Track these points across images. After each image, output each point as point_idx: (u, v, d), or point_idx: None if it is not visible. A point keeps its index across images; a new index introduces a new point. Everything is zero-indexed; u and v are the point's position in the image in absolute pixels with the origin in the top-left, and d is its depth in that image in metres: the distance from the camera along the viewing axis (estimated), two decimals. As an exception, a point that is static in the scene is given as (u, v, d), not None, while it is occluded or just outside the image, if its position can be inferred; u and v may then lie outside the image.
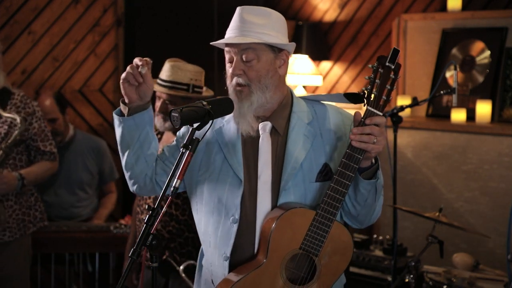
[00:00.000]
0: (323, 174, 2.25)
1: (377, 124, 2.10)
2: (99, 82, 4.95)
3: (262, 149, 2.25)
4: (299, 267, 2.18)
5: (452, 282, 3.42)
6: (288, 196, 2.22)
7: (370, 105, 2.12)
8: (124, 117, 2.25)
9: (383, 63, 2.12)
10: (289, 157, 2.23)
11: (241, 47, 2.21)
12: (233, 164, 2.24)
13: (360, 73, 5.64)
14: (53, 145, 3.66)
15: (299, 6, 5.81)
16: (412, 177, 4.66)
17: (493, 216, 4.33)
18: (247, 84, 2.21)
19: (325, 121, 2.30)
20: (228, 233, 2.24)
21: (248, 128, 2.24)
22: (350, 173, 2.12)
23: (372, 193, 2.21)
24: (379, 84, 2.11)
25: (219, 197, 2.25)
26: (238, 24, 2.23)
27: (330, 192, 2.14)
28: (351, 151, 2.12)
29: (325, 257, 2.18)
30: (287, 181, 2.21)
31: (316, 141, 2.26)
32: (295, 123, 2.27)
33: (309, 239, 2.14)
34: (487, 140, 4.37)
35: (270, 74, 2.23)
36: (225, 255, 2.24)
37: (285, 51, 2.28)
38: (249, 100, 2.22)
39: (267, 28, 2.23)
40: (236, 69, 2.22)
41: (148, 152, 2.30)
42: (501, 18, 4.64)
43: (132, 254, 1.94)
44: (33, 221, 3.66)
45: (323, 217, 2.14)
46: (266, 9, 2.27)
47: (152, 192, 2.37)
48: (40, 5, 4.72)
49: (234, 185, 2.24)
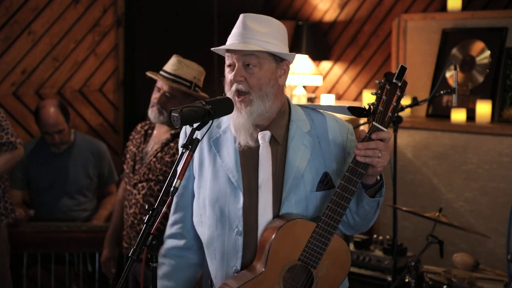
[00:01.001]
0: (323, 183, 2.25)
1: (382, 139, 2.11)
2: (99, 82, 4.95)
3: (262, 158, 2.24)
4: (296, 278, 2.17)
5: (452, 282, 3.42)
6: (290, 206, 2.21)
7: (376, 120, 2.12)
8: None
9: (390, 80, 2.12)
10: (290, 167, 2.22)
11: (244, 53, 2.19)
12: (231, 176, 2.23)
13: (360, 73, 5.64)
14: (9, 134, 3.60)
15: (299, 6, 5.80)
16: (412, 177, 4.66)
17: (493, 216, 4.33)
18: (247, 91, 2.20)
19: (323, 130, 2.30)
20: (234, 246, 2.23)
21: (247, 138, 2.22)
22: (352, 187, 2.12)
23: (374, 208, 2.22)
24: (385, 101, 2.12)
25: (222, 210, 2.24)
26: (241, 31, 2.21)
27: (331, 205, 2.13)
28: (354, 165, 2.11)
29: (323, 270, 2.18)
30: (289, 191, 2.21)
31: (315, 150, 2.26)
32: (294, 132, 2.26)
33: (308, 250, 2.14)
34: (487, 140, 4.37)
35: (271, 83, 2.22)
36: (235, 267, 2.24)
37: (286, 61, 2.27)
38: (248, 109, 2.20)
39: (270, 37, 2.21)
40: (237, 75, 2.20)
41: None
42: (501, 18, 4.64)
43: (132, 254, 1.94)
44: (5, 212, 3.67)
45: (324, 229, 2.13)
46: (268, 18, 2.25)
47: None
48: (40, 5, 4.72)
49: (234, 196, 2.23)
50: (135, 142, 3.51)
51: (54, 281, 4.29)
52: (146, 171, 3.39)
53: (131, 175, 3.46)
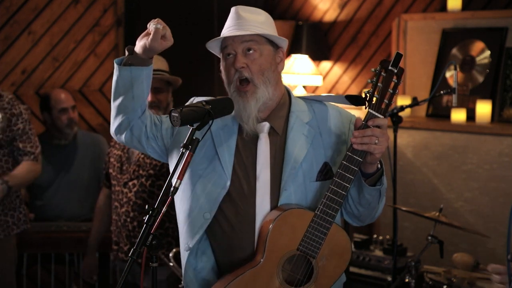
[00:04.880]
0: (323, 173, 2.25)
1: (378, 126, 2.10)
2: (99, 82, 4.95)
3: (261, 149, 2.24)
4: (296, 269, 2.17)
5: (452, 282, 3.42)
6: (288, 196, 2.21)
7: (372, 108, 2.11)
8: (121, 66, 2.22)
9: (386, 67, 2.12)
10: (289, 157, 2.22)
11: (243, 39, 2.20)
12: (224, 163, 2.23)
13: (360, 73, 5.63)
14: (34, 147, 3.66)
15: (299, 6, 5.80)
16: (412, 177, 4.66)
17: (493, 216, 4.33)
18: (250, 78, 2.21)
19: (324, 120, 2.29)
20: (196, 226, 2.23)
21: (254, 125, 2.22)
22: (350, 175, 2.11)
23: (376, 197, 2.21)
24: (381, 88, 2.11)
25: (201, 191, 2.24)
26: (236, 21, 2.23)
27: (329, 194, 2.13)
28: (351, 153, 2.11)
29: (323, 259, 2.17)
30: (287, 181, 2.21)
31: (315, 140, 2.26)
32: (294, 123, 2.26)
33: (307, 240, 2.13)
34: (487, 140, 4.37)
35: (272, 68, 2.24)
36: (187, 246, 2.25)
37: (281, 49, 2.29)
38: (254, 97, 2.21)
39: (264, 25, 2.25)
40: (239, 62, 2.20)
41: (139, 108, 2.26)
42: (501, 18, 4.64)
43: (132, 254, 1.94)
44: (17, 223, 3.68)
45: (322, 218, 2.13)
46: (258, 9, 2.30)
47: (139, 147, 2.35)
48: (40, 5, 4.72)
49: (219, 183, 2.22)
50: (118, 146, 3.58)
51: (54, 281, 4.28)
52: (135, 168, 3.44)
53: (119, 176, 3.51)
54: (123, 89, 2.22)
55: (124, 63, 2.21)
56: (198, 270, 2.27)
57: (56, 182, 4.35)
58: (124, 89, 2.22)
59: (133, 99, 2.23)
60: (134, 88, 2.21)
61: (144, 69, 2.21)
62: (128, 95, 2.23)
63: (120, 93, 2.24)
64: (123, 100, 2.24)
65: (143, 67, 2.21)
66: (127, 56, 2.22)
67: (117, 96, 2.25)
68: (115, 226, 3.56)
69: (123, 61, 2.22)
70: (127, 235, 3.46)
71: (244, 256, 2.22)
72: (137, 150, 2.44)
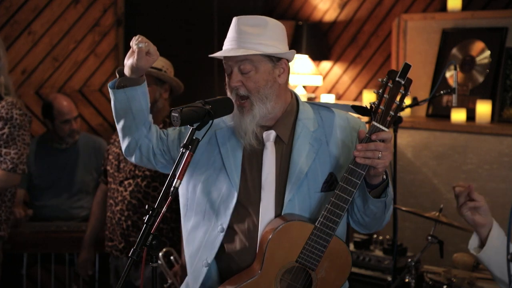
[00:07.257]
0: (328, 184, 2.23)
1: (382, 140, 2.07)
2: (99, 82, 4.95)
3: (266, 158, 2.22)
4: (295, 279, 2.16)
5: (452, 282, 3.42)
6: (292, 206, 2.20)
7: (376, 120, 2.07)
8: (115, 90, 2.23)
9: (393, 78, 2.07)
10: (294, 167, 2.20)
11: (238, 59, 2.18)
12: (230, 173, 2.22)
13: (360, 73, 5.64)
14: (15, 158, 3.32)
15: (299, 6, 5.80)
16: (412, 177, 4.66)
17: (493, 216, 4.31)
18: (247, 95, 2.19)
19: (331, 128, 2.27)
20: (213, 241, 2.23)
21: (251, 141, 2.21)
22: (351, 188, 2.08)
23: (381, 208, 2.19)
24: (388, 99, 2.07)
25: (212, 203, 2.24)
26: (234, 35, 2.20)
27: (329, 207, 2.10)
28: (354, 166, 2.07)
29: (322, 272, 2.15)
30: (292, 191, 2.19)
31: (321, 149, 2.23)
32: (301, 131, 2.24)
33: (306, 252, 2.12)
34: (487, 140, 4.37)
35: (269, 84, 2.20)
36: (205, 261, 2.24)
37: (284, 60, 2.24)
38: (251, 113, 2.19)
39: (264, 38, 2.18)
40: (234, 81, 2.20)
41: (142, 126, 2.28)
42: (501, 18, 4.64)
43: (132, 254, 1.94)
44: None
45: (322, 231, 2.10)
46: (263, 18, 2.22)
47: (149, 164, 2.36)
48: (40, 5, 4.72)
49: (228, 194, 2.22)
50: (117, 144, 3.57)
51: (54, 281, 4.28)
52: (132, 168, 3.45)
53: (116, 174, 3.52)
54: (122, 111, 2.26)
55: (117, 85, 2.23)
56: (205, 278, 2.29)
57: (56, 184, 4.35)
58: (123, 111, 2.25)
59: (134, 119, 2.26)
60: (132, 108, 2.24)
61: (138, 88, 2.23)
62: (129, 116, 2.26)
63: (120, 116, 2.27)
64: (125, 121, 2.27)
65: (137, 86, 2.24)
66: (119, 78, 2.25)
67: (119, 119, 2.28)
68: (109, 223, 3.58)
69: (116, 84, 2.25)
70: (122, 233, 3.49)
71: (245, 264, 2.22)
72: (149, 168, 2.45)
